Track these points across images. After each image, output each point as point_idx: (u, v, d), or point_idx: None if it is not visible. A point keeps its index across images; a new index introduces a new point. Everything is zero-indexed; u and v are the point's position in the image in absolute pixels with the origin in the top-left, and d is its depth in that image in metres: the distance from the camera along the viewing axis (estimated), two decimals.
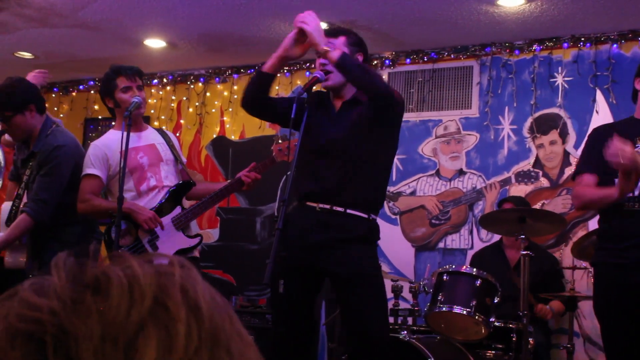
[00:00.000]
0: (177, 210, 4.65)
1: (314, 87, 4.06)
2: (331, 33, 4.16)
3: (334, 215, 3.98)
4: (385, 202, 7.03)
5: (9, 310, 0.70)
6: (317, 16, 4.03)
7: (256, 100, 4.25)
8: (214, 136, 8.11)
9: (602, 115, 6.36)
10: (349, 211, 3.98)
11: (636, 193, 3.88)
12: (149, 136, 4.81)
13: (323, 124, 4.08)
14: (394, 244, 6.97)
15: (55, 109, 8.80)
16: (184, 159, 5.04)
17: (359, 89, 4.00)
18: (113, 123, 4.94)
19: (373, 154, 4.04)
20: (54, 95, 8.91)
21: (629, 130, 4.03)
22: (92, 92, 8.71)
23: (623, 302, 3.89)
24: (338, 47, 4.02)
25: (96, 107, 8.61)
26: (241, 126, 7.97)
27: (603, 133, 4.12)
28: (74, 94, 8.83)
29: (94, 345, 0.67)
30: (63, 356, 0.67)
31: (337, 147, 4.02)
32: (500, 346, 5.04)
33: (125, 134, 4.26)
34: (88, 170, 4.62)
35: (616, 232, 3.93)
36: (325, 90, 4.24)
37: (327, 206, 3.99)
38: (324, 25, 5.93)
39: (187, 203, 4.78)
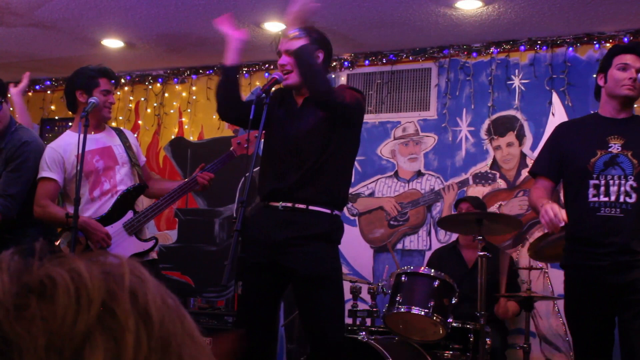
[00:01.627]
0: (129, 214, 4.60)
1: (273, 88, 4.05)
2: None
3: (297, 212, 3.98)
4: None
5: None
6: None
7: (232, 101, 4.25)
8: (173, 137, 8.06)
9: (558, 117, 6.42)
10: (311, 207, 3.98)
11: (612, 198, 3.93)
12: (106, 138, 4.76)
13: (285, 120, 4.09)
14: (353, 245, 6.98)
15: (12, 108, 8.68)
16: (144, 158, 5.00)
17: (305, 86, 4.01)
18: (70, 124, 4.90)
19: (334, 150, 4.04)
20: (9, 95, 8.78)
21: (595, 128, 4.11)
22: (48, 92, 8.62)
23: (597, 303, 3.94)
24: (304, 39, 4.06)
25: (53, 107, 8.52)
26: (200, 127, 7.93)
27: (566, 130, 4.23)
28: (30, 93, 8.72)
29: (38, 356, 0.64)
30: None
31: (298, 144, 4.03)
32: (458, 346, 5.07)
33: (82, 135, 4.21)
34: (44, 173, 4.57)
35: (592, 236, 3.95)
36: (282, 89, 4.24)
37: (290, 204, 3.99)
38: (282, 26, 5.93)
39: (145, 202, 4.74)
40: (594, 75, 4.30)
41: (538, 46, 6.60)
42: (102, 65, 4.79)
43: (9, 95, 5.01)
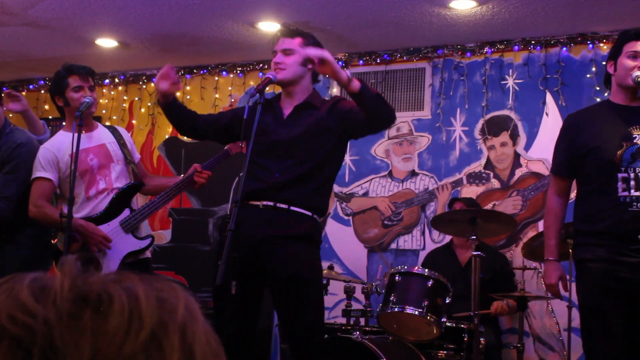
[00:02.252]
0: (126, 212, 4.60)
1: (267, 88, 4.05)
2: (288, 33, 4.17)
3: (278, 211, 3.98)
4: (337, 203, 7.06)
5: (2, 307, 0.66)
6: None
7: (182, 126, 4.47)
8: (167, 137, 8.05)
9: (551, 117, 6.43)
10: (292, 208, 3.98)
11: None
12: (99, 136, 4.75)
13: (271, 126, 4.08)
14: (347, 245, 6.99)
15: (5, 108, 8.66)
16: (138, 155, 4.99)
17: (370, 116, 3.96)
18: (64, 123, 4.89)
19: (322, 159, 4.06)
20: (2, 95, 8.76)
21: (615, 118, 3.99)
22: (42, 91, 8.60)
23: (618, 298, 3.84)
24: (292, 46, 4.07)
25: (46, 107, 8.50)
26: None
27: (581, 122, 4.10)
28: (23, 93, 8.68)
29: None
30: None
31: (285, 148, 4.04)
32: (452, 346, 5.07)
33: (76, 135, 4.21)
34: (39, 173, 4.56)
35: (624, 232, 3.82)
36: (270, 98, 4.24)
37: (271, 203, 3.99)
38: (276, 25, 5.93)
39: (142, 199, 4.73)
40: (604, 63, 4.22)
41: (532, 46, 6.61)
42: (67, 63, 4.73)
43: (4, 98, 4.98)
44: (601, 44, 6.34)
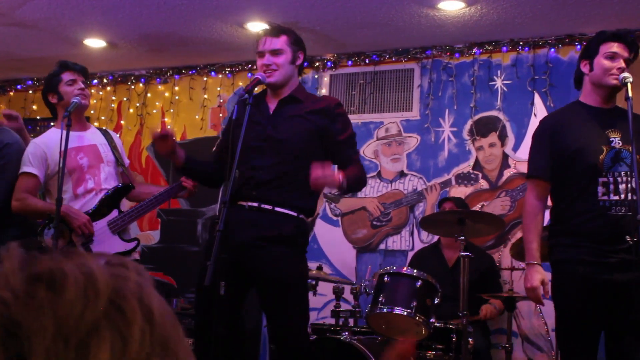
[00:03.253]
0: (114, 213, 4.59)
1: (256, 89, 4.04)
2: (273, 32, 4.17)
3: (262, 212, 3.98)
4: (326, 204, 7.06)
5: None
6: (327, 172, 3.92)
7: (210, 182, 4.52)
8: None
9: (540, 117, 6.42)
10: (277, 209, 3.98)
11: (622, 196, 3.82)
12: (91, 136, 4.75)
13: (258, 122, 4.08)
14: (335, 246, 6.99)
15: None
16: (127, 160, 4.99)
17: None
18: (52, 123, 4.88)
19: (307, 156, 4.04)
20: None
21: (591, 121, 3.97)
22: (30, 91, 8.58)
23: (595, 300, 3.82)
24: (278, 45, 4.07)
25: (34, 107, 8.48)
26: (182, 127, 7.91)
27: (557, 125, 4.07)
28: (11, 93, 8.68)
29: (46, 343, 0.65)
30: (13, 351, 0.65)
31: (271, 145, 4.03)
32: (441, 346, 5.08)
33: (64, 133, 4.20)
34: (25, 168, 4.55)
35: (603, 235, 3.82)
36: (257, 92, 4.23)
37: (256, 204, 3.98)
38: (264, 26, 5.92)
39: (127, 204, 4.73)
40: (577, 61, 4.19)
41: (520, 47, 6.62)
42: (60, 60, 4.77)
43: None
44: None
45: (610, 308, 3.85)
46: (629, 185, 3.84)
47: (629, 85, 3.83)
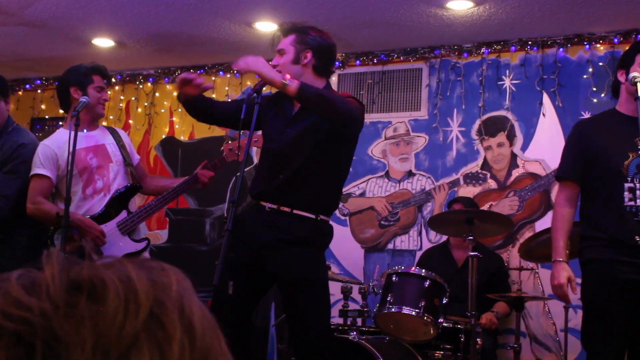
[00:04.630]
0: (123, 214, 4.60)
1: (264, 88, 4.04)
2: (283, 31, 4.18)
3: (281, 215, 3.99)
4: None
5: None
6: (257, 57, 3.96)
7: (199, 116, 4.41)
8: (163, 137, 8.05)
9: (548, 118, 6.44)
10: (295, 211, 3.99)
11: None
12: (99, 136, 4.76)
13: (279, 124, 4.08)
14: (344, 245, 6.98)
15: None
16: (137, 157, 4.99)
17: (320, 117, 3.96)
18: (60, 123, 4.90)
19: (327, 157, 4.04)
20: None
21: (621, 128, 3.97)
22: (39, 91, 8.59)
23: (624, 300, 3.80)
24: (283, 45, 4.06)
25: (43, 106, 8.50)
26: (190, 127, 7.92)
27: (590, 129, 4.07)
28: (20, 93, 8.69)
29: (85, 356, 0.64)
30: None
31: (289, 147, 4.03)
32: (449, 346, 5.07)
33: (72, 133, 4.21)
34: (38, 170, 4.56)
35: (630, 240, 3.80)
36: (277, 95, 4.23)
37: (275, 206, 3.99)
38: (273, 25, 5.93)
39: (138, 201, 4.73)
40: (600, 64, 4.18)
41: (529, 47, 6.61)
42: (95, 62, 4.81)
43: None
44: (598, 45, 6.35)
45: (633, 308, 3.83)
46: None
47: (639, 85, 3.82)
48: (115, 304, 0.66)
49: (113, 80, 8.24)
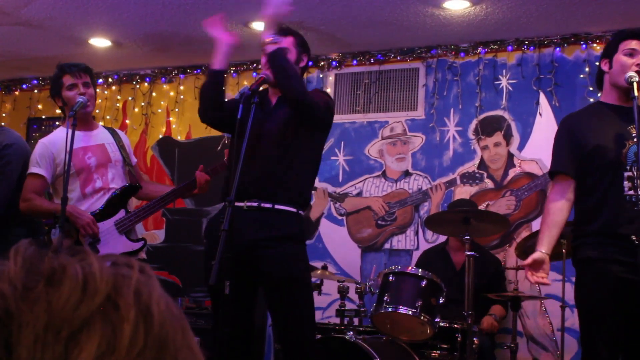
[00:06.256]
0: (121, 213, 4.60)
1: (261, 88, 4.04)
2: (281, 32, 4.18)
3: (263, 212, 3.97)
4: (331, 203, 7.06)
5: None
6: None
7: (215, 104, 4.26)
8: (160, 136, 8.04)
9: (545, 117, 6.45)
10: (277, 206, 3.98)
11: None
12: (99, 136, 4.76)
13: (258, 119, 4.07)
14: (340, 245, 6.99)
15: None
16: (135, 159, 4.99)
17: (279, 87, 4.07)
18: (57, 122, 4.90)
19: (300, 149, 4.07)
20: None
21: (613, 118, 3.94)
22: (35, 91, 8.58)
23: (627, 298, 3.75)
24: (284, 44, 4.08)
25: (40, 106, 8.49)
26: (187, 127, 7.92)
27: (581, 122, 4.04)
28: (16, 93, 8.69)
29: (35, 333, 0.67)
30: (2, 338, 0.67)
31: (266, 141, 4.04)
32: (446, 346, 5.08)
33: (70, 132, 4.20)
34: (33, 169, 4.57)
35: (631, 231, 3.74)
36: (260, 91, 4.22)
37: (255, 203, 3.98)
38: None
39: (134, 203, 4.74)
40: (597, 64, 4.18)
41: (525, 46, 6.62)
42: (61, 63, 4.73)
43: None
44: (594, 44, 6.36)
45: (630, 309, 3.78)
46: None
47: (635, 84, 3.82)
48: (71, 286, 0.69)
49: (110, 80, 8.24)
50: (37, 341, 0.66)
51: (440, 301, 4.90)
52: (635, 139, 3.84)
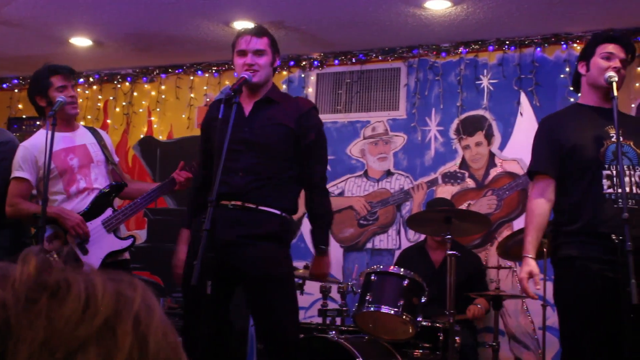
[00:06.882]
0: (108, 212, 4.59)
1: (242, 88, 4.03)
2: (258, 32, 4.16)
3: (246, 211, 3.97)
4: None
5: None
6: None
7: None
8: (142, 136, 8.02)
9: (526, 117, 6.47)
10: (260, 207, 3.98)
11: (627, 189, 3.78)
12: (80, 136, 4.74)
13: (238, 123, 4.04)
14: None
15: None
16: (117, 158, 4.98)
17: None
18: (38, 122, 4.87)
19: (284, 156, 4.07)
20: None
21: (591, 118, 3.97)
22: (16, 90, 8.53)
23: (607, 296, 3.74)
24: (260, 45, 4.09)
25: (20, 106, 8.44)
26: (169, 126, 7.90)
27: (559, 123, 4.07)
28: None
29: (30, 351, 0.66)
30: None
31: (249, 148, 4.02)
32: (428, 345, 5.09)
33: (50, 133, 4.18)
34: (17, 173, 4.55)
35: (611, 229, 3.75)
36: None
37: (239, 203, 3.97)
38: (251, 24, 5.92)
39: (117, 203, 4.73)
40: (575, 63, 4.20)
41: (506, 46, 6.64)
42: (51, 63, 4.71)
43: None
44: (575, 45, 6.39)
45: (611, 307, 3.75)
46: (633, 179, 3.85)
47: (614, 84, 3.86)
48: (74, 305, 0.68)
49: (91, 79, 8.20)
50: (31, 358, 0.66)
51: (422, 300, 4.91)
52: (613, 139, 3.88)
